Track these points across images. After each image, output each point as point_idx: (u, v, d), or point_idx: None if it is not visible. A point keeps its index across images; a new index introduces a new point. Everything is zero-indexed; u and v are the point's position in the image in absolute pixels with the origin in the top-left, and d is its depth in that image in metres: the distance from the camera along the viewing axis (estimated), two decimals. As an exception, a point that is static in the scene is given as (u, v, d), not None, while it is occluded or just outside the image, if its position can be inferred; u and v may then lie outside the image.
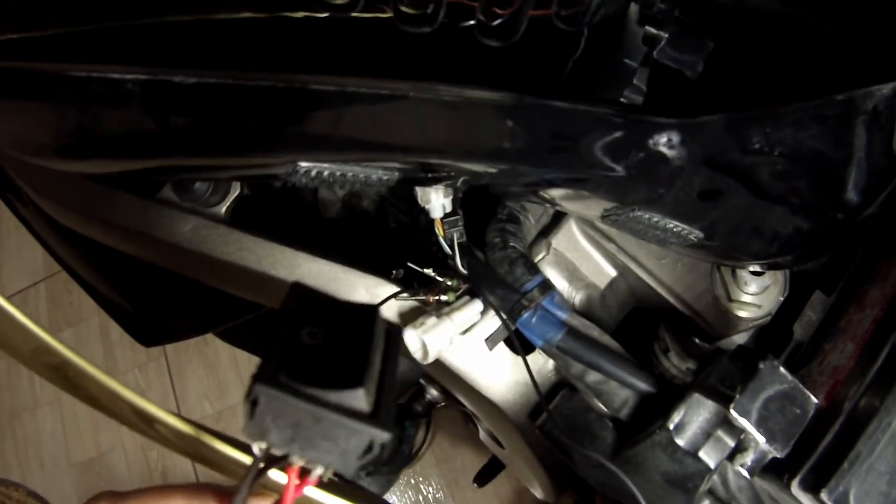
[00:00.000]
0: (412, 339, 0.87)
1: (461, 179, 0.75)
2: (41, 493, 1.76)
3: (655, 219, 0.75)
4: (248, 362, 2.61)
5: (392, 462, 2.14)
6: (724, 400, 0.73)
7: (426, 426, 2.28)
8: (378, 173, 0.69)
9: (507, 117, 0.66)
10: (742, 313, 0.96)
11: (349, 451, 0.41)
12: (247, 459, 0.47)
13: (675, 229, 0.76)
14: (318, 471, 0.42)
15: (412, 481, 2.40)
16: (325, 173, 0.67)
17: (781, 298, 0.96)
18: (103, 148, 0.67)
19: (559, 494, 1.29)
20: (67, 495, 2.54)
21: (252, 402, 0.40)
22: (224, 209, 1.02)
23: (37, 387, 2.68)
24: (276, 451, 0.41)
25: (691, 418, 0.78)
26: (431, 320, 0.86)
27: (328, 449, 0.41)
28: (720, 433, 0.77)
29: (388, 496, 2.30)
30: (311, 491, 0.46)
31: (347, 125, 0.63)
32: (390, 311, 0.94)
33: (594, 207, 0.77)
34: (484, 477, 1.93)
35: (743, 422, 0.71)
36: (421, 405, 1.57)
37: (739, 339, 1.00)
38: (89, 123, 0.63)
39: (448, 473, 2.39)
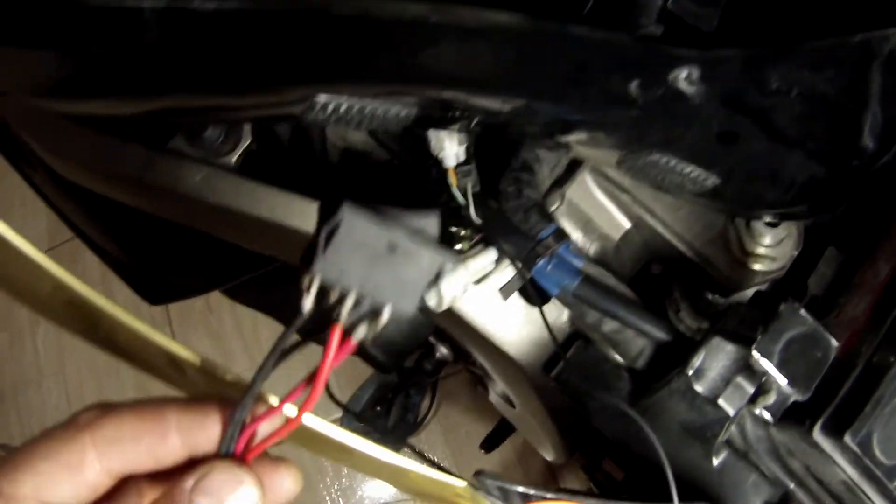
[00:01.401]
0: (426, 286, 0.86)
1: (476, 120, 0.74)
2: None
3: (672, 163, 0.74)
4: (253, 332, 2.63)
5: (397, 431, 2.27)
6: (745, 342, 0.72)
7: (431, 395, 2.30)
8: (396, 108, 0.67)
9: (524, 43, 0.64)
10: (757, 266, 0.95)
11: (416, 282, 0.42)
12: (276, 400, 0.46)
13: (692, 174, 0.75)
14: (385, 312, 0.42)
15: (417, 450, 2.35)
16: (343, 107, 0.65)
17: (795, 252, 0.96)
18: (120, 84, 0.65)
19: (569, 456, 1.30)
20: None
21: (330, 231, 0.39)
22: (234, 159, 1.01)
23: (41, 358, 2.68)
24: (333, 295, 0.41)
25: (711, 364, 0.77)
26: (449, 266, 0.85)
27: (393, 286, 0.42)
28: (740, 379, 0.76)
29: None
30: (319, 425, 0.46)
31: (367, 53, 0.62)
32: None
33: (611, 152, 0.76)
34: (491, 443, 1.94)
35: (765, 363, 0.70)
36: (430, 363, 1.56)
37: (752, 291, 0.98)
38: (106, 56, 0.62)
39: (453, 442, 2.40)
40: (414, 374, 1.75)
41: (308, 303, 0.41)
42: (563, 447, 1.24)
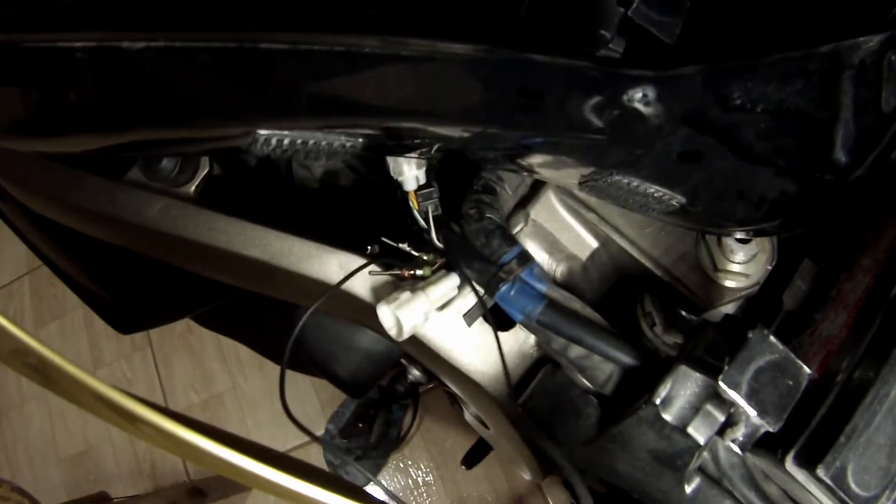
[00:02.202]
0: (385, 314, 0.83)
1: (434, 147, 0.71)
2: (30, 488, 1.80)
3: (635, 183, 0.71)
4: (234, 352, 2.61)
5: (380, 446, 2.25)
6: (711, 371, 0.69)
7: (413, 409, 2.28)
8: (341, 140, 0.64)
9: (477, 71, 0.62)
10: (729, 283, 0.93)
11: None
12: (235, 456, 0.46)
13: (655, 194, 0.72)
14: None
15: (401, 465, 2.39)
16: (286, 141, 0.63)
17: (770, 267, 0.93)
18: (61, 123, 0.64)
19: (546, 475, 1.27)
20: (56, 490, 2.55)
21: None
22: (193, 188, 0.99)
23: (23, 383, 2.68)
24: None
25: (678, 392, 0.74)
26: (405, 295, 0.83)
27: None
28: (709, 407, 0.73)
29: (381, 481, 2.31)
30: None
31: (302, 87, 0.59)
32: (363, 288, 0.91)
33: (572, 173, 0.73)
34: (472, 459, 1.90)
35: (732, 394, 0.67)
36: (403, 386, 1.54)
37: (727, 309, 0.96)
38: (44, 97, 0.61)
39: (437, 456, 2.38)
40: (388, 396, 1.73)
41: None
42: (539, 467, 1.21)
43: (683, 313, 0.97)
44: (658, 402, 0.74)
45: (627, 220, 0.95)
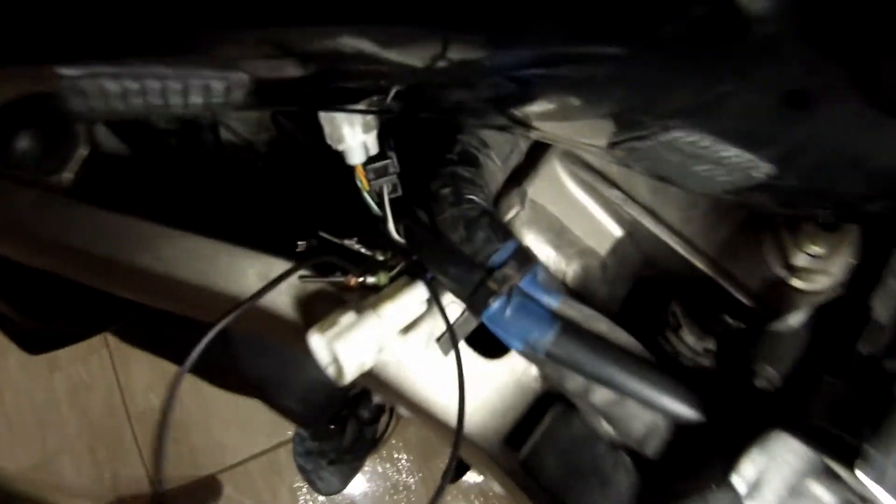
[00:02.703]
0: (318, 346, 0.57)
1: (388, 94, 0.46)
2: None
3: (704, 144, 0.46)
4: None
5: (355, 449, 2.07)
6: (834, 448, 0.43)
7: (389, 410, 2.15)
8: (203, 80, 0.38)
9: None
10: (802, 284, 0.69)
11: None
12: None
13: (732, 160, 0.47)
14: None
15: (379, 469, 2.25)
16: (113, 87, 0.37)
17: (854, 262, 0.70)
18: None
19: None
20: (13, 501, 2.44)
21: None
22: (68, 176, 0.81)
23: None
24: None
25: (771, 473, 0.48)
26: (347, 318, 0.57)
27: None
28: (818, 492, 0.47)
29: (357, 486, 2.22)
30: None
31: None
32: (288, 304, 0.66)
33: (600, 129, 0.49)
34: (455, 472, 1.68)
35: (873, 489, 0.41)
36: (368, 410, 1.34)
37: (796, 319, 0.70)
38: None
39: (418, 457, 2.25)
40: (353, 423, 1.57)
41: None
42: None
43: (729, 319, 0.73)
44: (742, 485, 0.47)
45: (664, 199, 0.71)
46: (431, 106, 0.53)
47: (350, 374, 0.56)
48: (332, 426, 2.05)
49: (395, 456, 2.24)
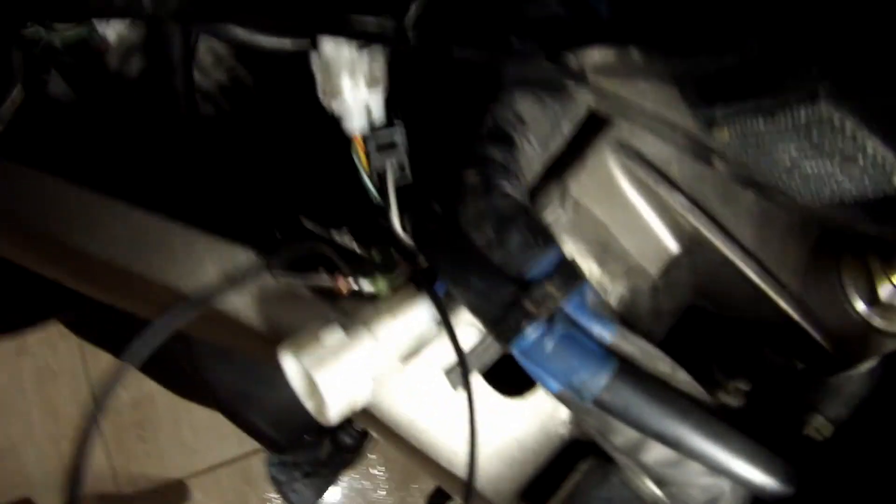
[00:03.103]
0: (293, 372, 0.43)
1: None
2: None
3: (848, 127, 0.33)
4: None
5: (331, 462, 1.95)
6: None
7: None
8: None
9: None
10: (886, 325, 0.55)
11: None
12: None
13: (878, 157, 0.35)
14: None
15: (356, 485, 2.18)
16: None
17: None
18: None
19: None
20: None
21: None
22: None
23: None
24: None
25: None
26: (333, 337, 0.42)
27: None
28: None
29: (331, 500, 2.16)
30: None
31: None
32: (252, 309, 0.54)
33: (709, 90, 0.34)
34: (439, 501, 1.54)
35: None
36: (350, 436, 1.23)
37: (865, 365, 0.59)
38: None
39: (397, 475, 2.17)
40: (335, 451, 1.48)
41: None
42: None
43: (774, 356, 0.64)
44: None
45: (736, 212, 0.57)
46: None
47: (335, 413, 0.43)
48: (306, 437, 2.00)
49: (373, 472, 2.16)
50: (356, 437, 1.24)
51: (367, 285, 0.49)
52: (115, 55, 0.70)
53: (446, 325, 0.47)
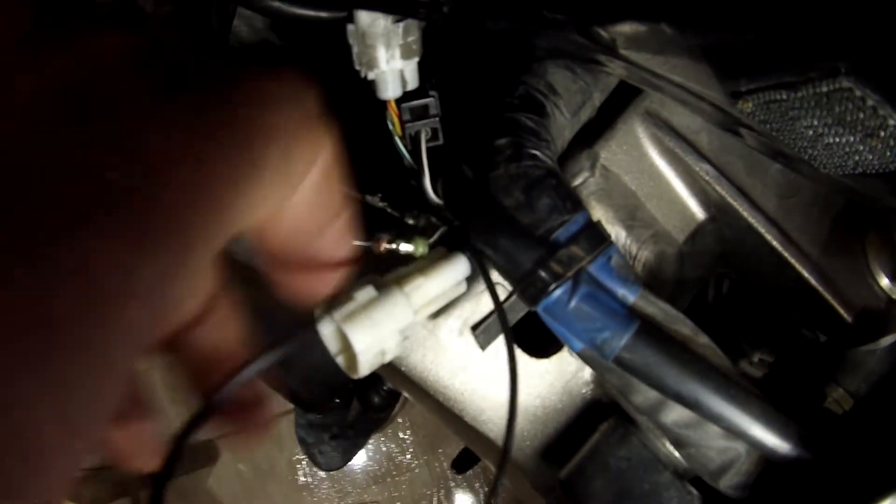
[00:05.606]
0: (327, 330, 0.44)
1: None
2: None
3: (871, 103, 0.34)
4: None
5: (357, 424, 2.01)
6: None
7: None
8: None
9: None
10: None
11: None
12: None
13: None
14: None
15: (382, 447, 2.19)
16: None
17: None
18: None
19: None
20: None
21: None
22: None
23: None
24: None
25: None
26: (364, 294, 0.43)
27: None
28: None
29: (358, 463, 2.17)
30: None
31: None
32: None
33: (733, 65, 0.35)
34: (464, 463, 1.63)
35: None
36: (379, 396, 1.22)
37: (886, 340, 0.58)
38: None
39: (423, 439, 2.17)
40: (363, 411, 1.47)
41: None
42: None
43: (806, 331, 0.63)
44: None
45: (762, 182, 0.58)
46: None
47: (366, 366, 0.44)
48: (337, 399, 1.99)
49: (401, 436, 2.16)
50: (385, 396, 1.23)
51: (405, 246, 0.50)
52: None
53: (487, 281, 0.48)
